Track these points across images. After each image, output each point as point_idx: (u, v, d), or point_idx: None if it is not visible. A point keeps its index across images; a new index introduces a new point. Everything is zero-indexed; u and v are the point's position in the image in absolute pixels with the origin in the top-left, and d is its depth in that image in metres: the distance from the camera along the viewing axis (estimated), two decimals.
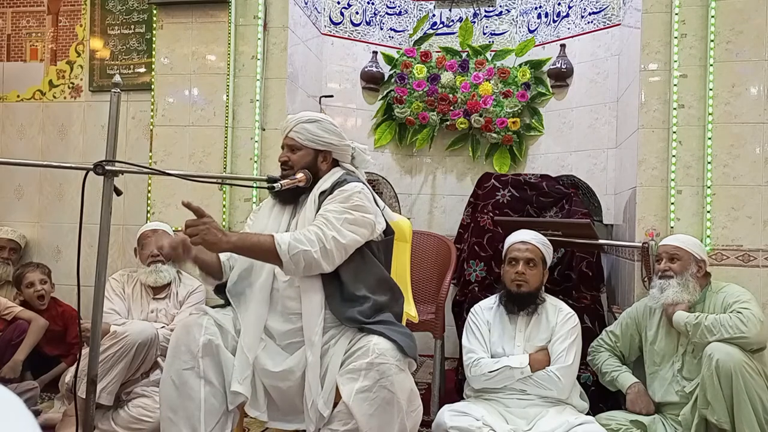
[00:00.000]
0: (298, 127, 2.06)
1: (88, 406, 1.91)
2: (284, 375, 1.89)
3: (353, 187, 1.99)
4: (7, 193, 3.91)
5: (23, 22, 3.94)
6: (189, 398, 1.85)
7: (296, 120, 2.07)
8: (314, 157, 2.08)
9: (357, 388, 1.74)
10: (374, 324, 1.87)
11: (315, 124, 2.07)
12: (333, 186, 2.01)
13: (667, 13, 2.84)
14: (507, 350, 2.40)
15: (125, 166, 2.04)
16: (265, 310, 1.96)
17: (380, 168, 4.13)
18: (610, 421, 2.34)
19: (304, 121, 2.07)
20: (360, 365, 1.77)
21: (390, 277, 2.07)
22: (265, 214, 2.11)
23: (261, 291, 1.96)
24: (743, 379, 2.09)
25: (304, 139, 2.06)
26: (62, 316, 3.27)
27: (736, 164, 2.73)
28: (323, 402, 1.80)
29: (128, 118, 3.71)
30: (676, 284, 2.35)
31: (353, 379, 1.76)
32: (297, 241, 1.83)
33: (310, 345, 1.87)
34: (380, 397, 1.74)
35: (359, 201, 1.95)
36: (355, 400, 1.73)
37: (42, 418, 2.71)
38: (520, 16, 4.14)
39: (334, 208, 1.93)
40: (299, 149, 2.06)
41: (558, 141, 3.95)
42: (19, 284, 3.23)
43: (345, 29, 4.10)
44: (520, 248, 2.48)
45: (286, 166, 2.06)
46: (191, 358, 1.87)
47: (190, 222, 1.78)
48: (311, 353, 1.85)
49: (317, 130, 2.06)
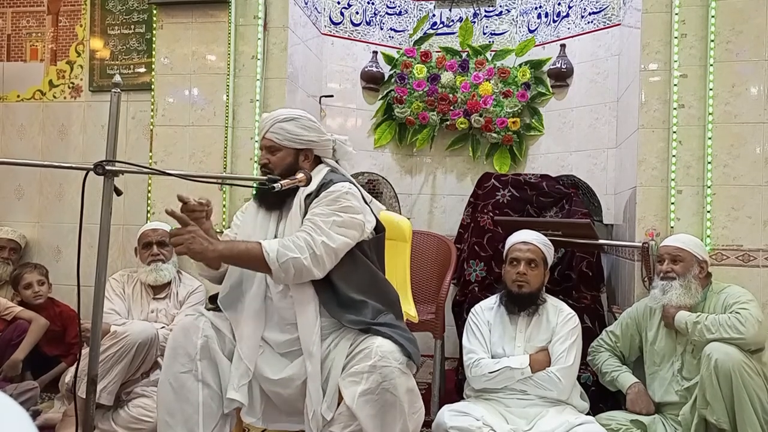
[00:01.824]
0: (275, 127, 1.96)
1: (88, 406, 1.91)
2: (284, 383, 1.87)
3: (340, 187, 1.92)
4: (7, 193, 3.91)
5: (23, 22, 3.94)
6: (187, 401, 1.84)
7: (272, 119, 1.98)
8: (295, 157, 1.99)
9: (360, 391, 1.72)
10: (379, 325, 1.85)
11: (293, 123, 1.97)
12: (319, 188, 1.94)
13: (667, 13, 2.83)
14: (507, 351, 2.40)
15: (125, 166, 2.04)
16: (262, 320, 1.92)
17: (380, 168, 4.13)
18: (611, 421, 2.34)
19: (280, 120, 1.97)
20: (363, 368, 1.74)
21: (383, 277, 2.02)
22: (250, 218, 2.04)
23: (254, 301, 1.92)
24: (742, 379, 2.09)
25: (283, 139, 1.96)
26: (60, 316, 3.27)
27: (736, 164, 2.72)
28: (326, 406, 1.79)
29: (128, 118, 3.71)
30: (679, 286, 2.35)
31: (356, 383, 1.74)
32: (286, 248, 1.78)
33: (309, 356, 1.84)
34: (383, 399, 1.72)
35: (347, 202, 1.89)
36: (358, 403, 1.71)
37: (42, 418, 2.71)
38: (520, 16, 4.14)
39: (321, 211, 1.87)
40: (278, 150, 1.97)
41: (558, 141, 3.95)
42: (17, 285, 3.23)
43: (345, 29, 4.10)
44: (522, 248, 2.47)
45: (266, 169, 1.97)
46: (189, 360, 1.85)
47: (175, 231, 1.75)
48: (311, 364, 1.83)
49: (296, 128, 1.96)
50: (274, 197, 1.94)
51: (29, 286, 3.20)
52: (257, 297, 1.93)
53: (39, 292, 3.21)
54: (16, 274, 3.26)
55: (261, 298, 1.93)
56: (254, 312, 1.92)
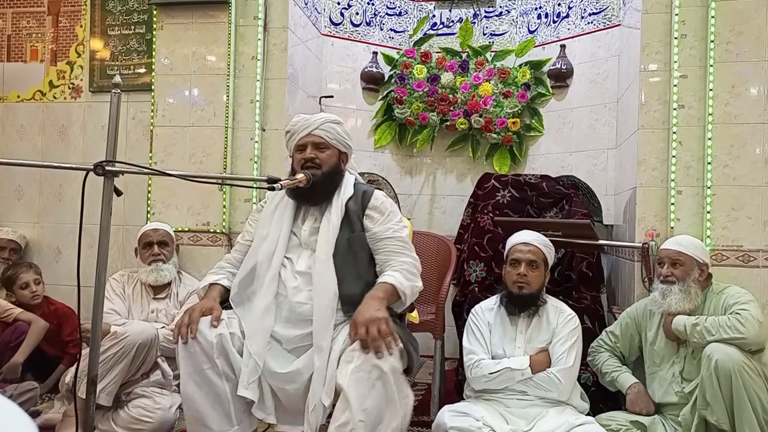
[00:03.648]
0: (326, 125, 2.04)
1: (88, 407, 1.91)
2: (291, 377, 1.88)
3: (383, 197, 2.09)
4: (7, 193, 3.92)
5: (23, 23, 3.94)
6: (215, 394, 1.86)
7: (323, 118, 2.06)
8: (338, 159, 2.08)
9: (352, 368, 1.73)
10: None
11: (339, 126, 2.09)
12: (361, 195, 2.06)
13: (667, 14, 2.84)
14: (507, 351, 2.39)
15: (125, 166, 2.04)
16: (272, 317, 1.94)
17: (380, 168, 4.13)
18: (611, 422, 2.34)
19: (330, 121, 2.06)
20: (355, 346, 1.77)
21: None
22: (267, 217, 2.08)
23: (265, 298, 1.95)
24: (742, 379, 2.08)
25: (332, 138, 2.05)
26: (55, 314, 3.24)
27: (736, 165, 2.72)
28: (325, 393, 1.79)
29: (128, 119, 3.71)
30: (678, 291, 2.34)
31: (348, 361, 1.76)
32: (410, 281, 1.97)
33: (319, 350, 1.86)
34: (374, 377, 1.72)
35: (401, 218, 2.08)
36: (350, 380, 1.71)
37: (42, 419, 2.71)
38: (520, 16, 4.14)
39: (397, 226, 2.05)
40: (327, 148, 2.05)
41: (558, 141, 3.95)
42: (11, 285, 3.19)
43: (345, 30, 4.10)
44: (522, 249, 2.47)
45: (312, 164, 2.02)
46: (207, 359, 1.86)
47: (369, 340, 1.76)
48: (319, 358, 1.84)
49: (342, 131, 2.07)
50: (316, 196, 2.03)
51: (26, 285, 3.18)
52: (268, 293, 1.95)
53: (36, 292, 3.19)
54: (10, 274, 3.21)
55: (272, 294, 1.96)
56: (264, 308, 1.94)
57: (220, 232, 3.17)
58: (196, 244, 3.18)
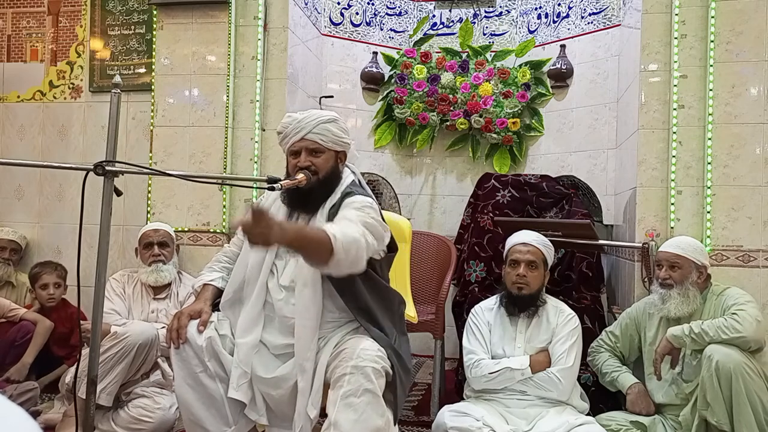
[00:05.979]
0: (319, 128, 1.89)
1: (88, 407, 1.91)
2: (275, 382, 1.87)
3: (362, 200, 1.86)
4: (7, 193, 3.92)
5: (23, 23, 3.94)
6: (210, 397, 1.86)
7: (315, 120, 1.90)
8: (335, 160, 1.95)
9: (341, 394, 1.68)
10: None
11: (334, 124, 1.92)
12: (343, 197, 1.91)
13: (667, 14, 2.84)
14: (507, 351, 2.40)
15: (125, 166, 2.04)
16: (260, 325, 1.92)
17: (380, 168, 4.13)
18: (611, 422, 2.34)
19: (324, 121, 1.90)
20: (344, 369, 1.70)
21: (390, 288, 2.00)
22: None
23: (253, 307, 1.92)
24: (743, 380, 2.08)
25: (327, 141, 1.90)
26: (70, 318, 3.24)
27: (736, 165, 2.72)
28: (311, 403, 1.78)
29: (128, 119, 3.71)
30: (677, 295, 2.34)
31: (338, 387, 1.70)
32: (345, 229, 1.65)
33: (302, 371, 1.81)
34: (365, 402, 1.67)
35: (374, 214, 1.84)
36: (339, 407, 1.67)
37: (42, 419, 2.71)
38: (520, 16, 4.14)
39: (362, 213, 1.80)
40: (322, 152, 1.91)
41: (558, 141, 3.95)
42: (34, 282, 3.22)
43: (345, 30, 4.10)
44: (522, 250, 2.47)
45: (309, 172, 1.88)
46: (199, 362, 1.87)
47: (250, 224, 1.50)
48: (302, 378, 1.80)
49: (337, 130, 1.93)
50: (311, 202, 1.91)
51: (45, 287, 3.19)
52: (257, 302, 1.92)
53: (53, 295, 3.19)
54: (36, 272, 3.23)
55: (260, 304, 1.93)
56: (252, 319, 1.92)
57: (220, 232, 3.17)
58: (196, 244, 3.18)
